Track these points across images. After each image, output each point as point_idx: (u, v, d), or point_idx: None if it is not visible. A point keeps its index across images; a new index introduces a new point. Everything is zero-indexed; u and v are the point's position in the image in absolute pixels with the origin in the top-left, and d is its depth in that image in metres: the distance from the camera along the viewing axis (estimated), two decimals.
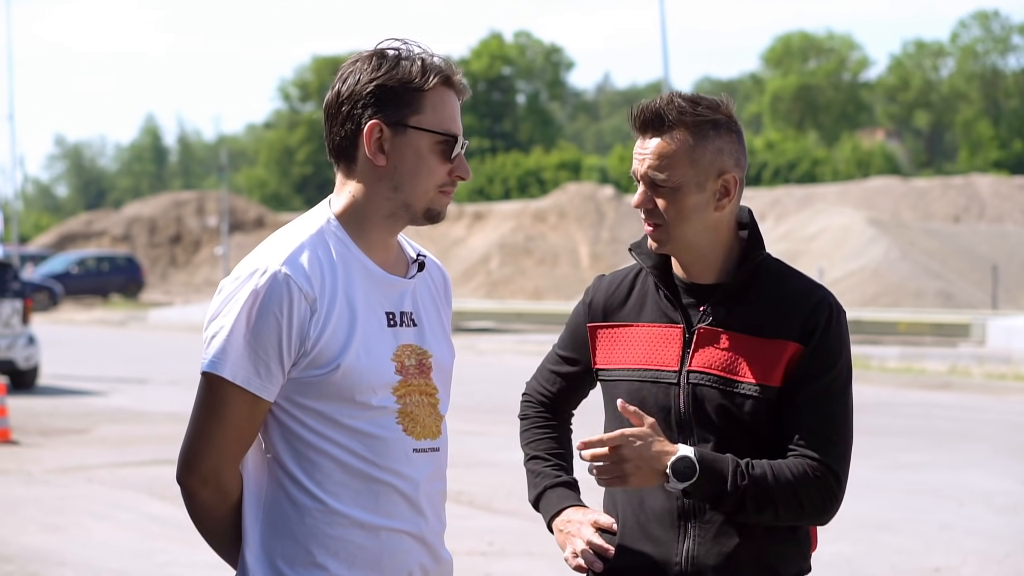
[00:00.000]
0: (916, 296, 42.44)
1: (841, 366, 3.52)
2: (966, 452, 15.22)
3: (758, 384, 3.48)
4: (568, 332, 3.80)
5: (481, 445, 15.01)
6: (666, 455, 3.41)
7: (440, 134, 3.20)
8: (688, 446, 3.45)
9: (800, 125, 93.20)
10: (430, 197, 3.22)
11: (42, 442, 15.30)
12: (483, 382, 22.20)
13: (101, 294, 56.35)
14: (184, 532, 9.68)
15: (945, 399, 21.11)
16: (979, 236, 50.49)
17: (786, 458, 3.48)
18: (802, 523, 3.52)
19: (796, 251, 45.76)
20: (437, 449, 3.28)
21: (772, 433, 3.51)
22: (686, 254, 3.58)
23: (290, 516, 3.17)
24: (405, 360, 3.23)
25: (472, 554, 9.77)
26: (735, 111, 3.59)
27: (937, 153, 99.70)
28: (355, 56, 3.25)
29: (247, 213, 70.80)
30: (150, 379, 23.21)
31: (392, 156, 3.20)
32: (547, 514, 3.71)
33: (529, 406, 3.89)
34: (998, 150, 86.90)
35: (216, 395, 3.13)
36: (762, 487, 3.42)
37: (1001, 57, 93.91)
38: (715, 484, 3.42)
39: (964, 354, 28.74)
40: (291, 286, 3.11)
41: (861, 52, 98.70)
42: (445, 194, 3.23)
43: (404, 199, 3.21)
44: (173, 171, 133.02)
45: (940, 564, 9.82)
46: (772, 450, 3.51)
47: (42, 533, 10.47)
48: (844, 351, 3.54)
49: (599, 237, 55.41)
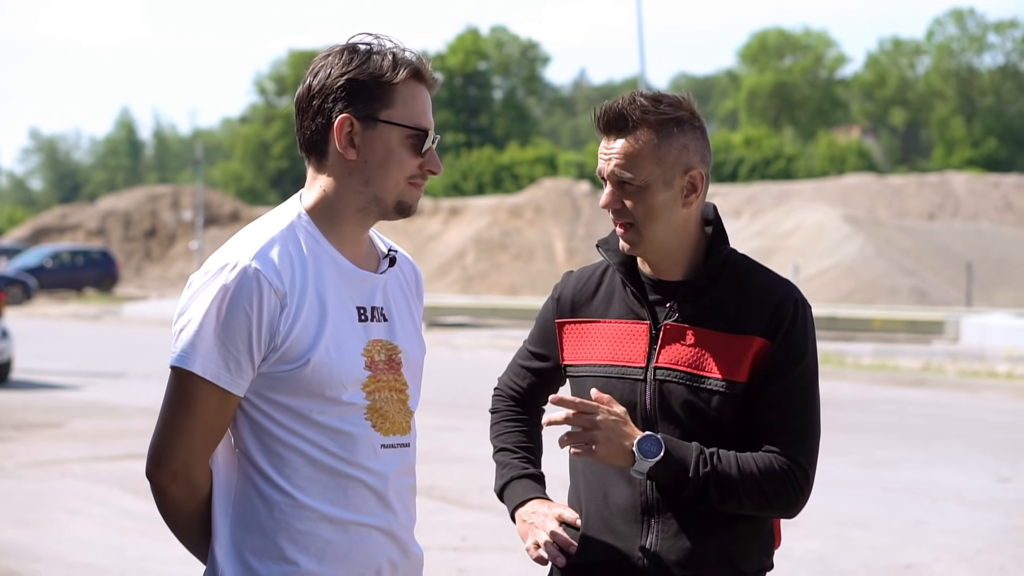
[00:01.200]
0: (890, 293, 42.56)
1: (808, 361, 3.54)
2: (939, 449, 15.26)
3: (724, 379, 3.50)
4: (538, 327, 3.82)
5: (455, 440, 15.01)
6: (634, 435, 3.45)
7: (411, 128, 3.21)
8: None
9: (776, 122, 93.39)
10: (400, 189, 3.22)
11: (15, 436, 15.25)
12: (458, 377, 22.18)
13: (75, 288, 56.16)
14: (157, 527, 9.65)
15: (919, 396, 21.17)
16: (954, 233, 50.65)
17: (754, 452, 3.50)
18: (767, 515, 3.54)
19: (771, 247, 45.86)
20: (407, 445, 3.28)
21: (738, 429, 3.52)
22: (655, 253, 3.59)
23: (259, 511, 3.17)
24: (375, 355, 3.24)
25: (445, 549, 9.77)
26: (697, 108, 3.61)
27: (912, 151, 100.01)
28: (327, 51, 3.25)
29: (222, 207, 70.65)
30: (124, 373, 23.14)
31: (363, 150, 3.20)
32: (511, 504, 3.74)
33: (500, 400, 3.92)
34: (973, 148, 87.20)
35: (185, 390, 3.13)
36: (726, 476, 3.44)
37: (976, 55, 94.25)
38: (679, 466, 3.44)
39: (938, 351, 28.82)
40: (261, 281, 3.11)
41: (837, 49, 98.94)
42: (415, 186, 3.24)
43: (375, 193, 3.22)
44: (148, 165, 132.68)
45: (912, 561, 9.84)
46: (738, 446, 3.53)
47: (15, 527, 10.44)
48: (811, 346, 3.55)
49: (575, 233, 55.44)
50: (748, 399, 3.50)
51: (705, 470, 3.44)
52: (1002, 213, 58.69)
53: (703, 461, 3.45)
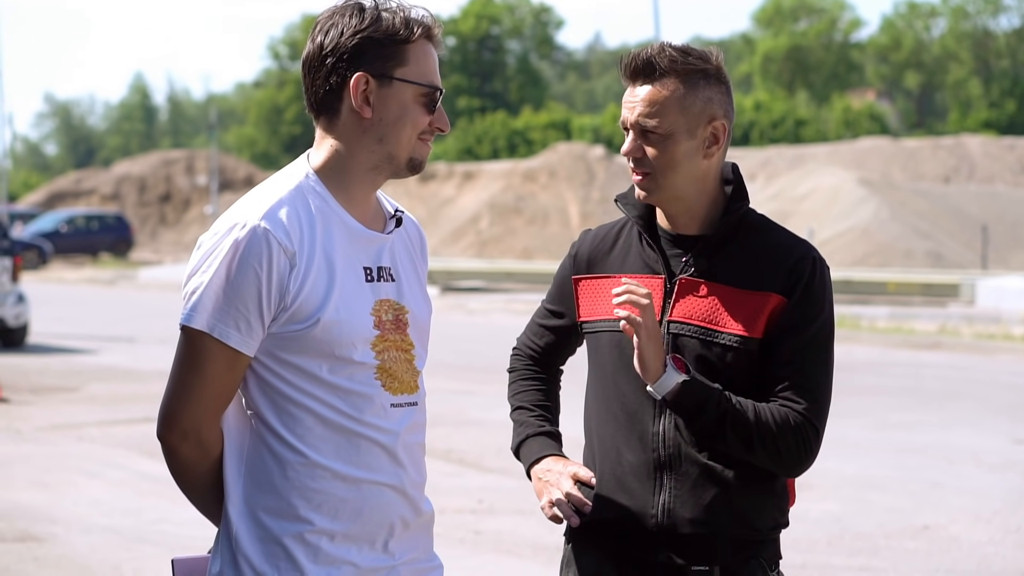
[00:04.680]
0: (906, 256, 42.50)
1: (825, 319, 3.53)
2: (955, 411, 15.25)
3: (739, 335, 3.49)
4: (555, 286, 3.82)
5: (471, 404, 15.03)
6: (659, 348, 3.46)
7: (425, 86, 3.22)
8: None
9: (791, 86, 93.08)
10: (412, 146, 3.23)
11: (32, 400, 15.30)
12: (473, 341, 22.21)
13: (90, 253, 56.29)
14: (174, 490, 9.61)
15: (934, 359, 21.15)
16: (969, 196, 50.53)
17: None
18: (775, 469, 3.52)
19: (786, 211, 45.78)
20: (415, 403, 3.28)
21: (750, 384, 3.51)
22: (673, 204, 3.58)
23: (272, 470, 3.17)
24: (383, 315, 3.23)
25: (462, 512, 9.79)
26: (724, 65, 3.59)
27: (927, 113, 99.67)
28: (331, 9, 3.23)
29: (236, 172, 70.68)
30: (140, 337, 23.20)
31: (378, 108, 3.20)
32: (527, 461, 3.74)
33: (518, 359, 3.91)
34: (988, 110, 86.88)
35: (196, 350, 3.12)
36: (743, 416, 3.45)
37: (992, 18, 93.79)
38: (702, 393, 3.44)
39: (953, 314, 28.78)
40: (270, 240, 3.10)
41: (852, 12, 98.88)
42: (424, 143, 3.25)
43: (388, 150, 3.22)
44: (163, 130, 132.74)
45: (929, 522, 9.84)
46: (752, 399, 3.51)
47: (32, 490, 10.47)
48: (827, 304, 3.54)
49: (589, 196, 55.39)
50: (763, 355, 3.49)
51: (727, 405, 3.44)
52: (1018, 176, 58.51)
53: (726, 398, 3.45)
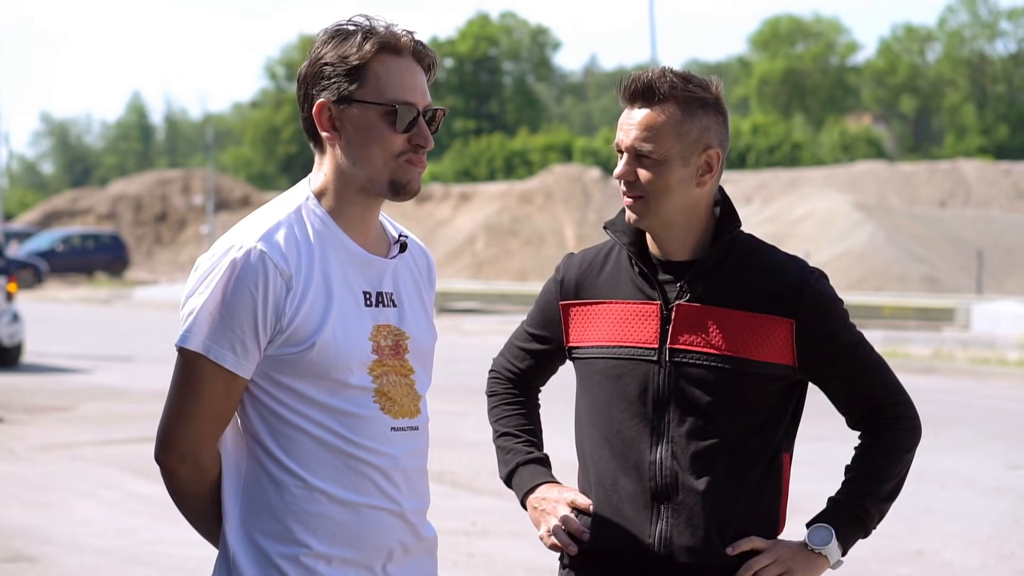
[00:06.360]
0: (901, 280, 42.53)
1: (844, 319, 3.59)
2: (950, 436, 15.25)
3: (760, 361, 3.50)
4: (538, 309, 3.79)
5: (465, 425, 15.02)
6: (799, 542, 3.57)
7: (383, 104, 3.16)
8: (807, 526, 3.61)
9: (787, 109, 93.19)
10: (391, 168, 3.18)
11: (26, 419, 15.28)
12: (468, 362, 22.19)
13: (86, 272, 56.25)
14: (168, 510, 9.66)
15: (929, 383, 21.15)
16: (964, 221, 50.58)
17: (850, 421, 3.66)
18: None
19: (782, 234, 45.80)
20: (416, 428, 3.26)
21: (757, 407, 3.52)
22: (663, 230, 3.57)
23: (269, 493, 3.17)
24: (381, 340, 3.22)
25: (455, 534, 9.78)
26: (723, 95, 3.59)
27: (923, 138, 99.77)
28: (318, 34, 3.25)
29: (233, 192, 70.67)
30: (135, 357, 23.18)
31: (343, 132, 3.19)
32: (520, 491, 3.72)
33: (497, 383, 3.88)
34: (984, 135, 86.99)
35: (192, 371, 3.12)
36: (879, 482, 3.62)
37: (988, 42, 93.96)
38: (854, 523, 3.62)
39: (948, 338, 28.79)
40: (267, 263, 3.11)
41: (849, 36, 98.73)
42: (411, 163, 3.19)
43: (367, 174, 3.19)
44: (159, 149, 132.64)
45: (922, 547, 9.84)
46: (753, 426, 3.52)
47: (25, 510, 10.46)
48: (839, 306, 3.59)
49: (585, 219, 55.42)
50: (813, 379, 3.58)
51: (867, 501, 3.60)
52: (1013, 201, 58.58)
53: (855, 496, 3.60)
